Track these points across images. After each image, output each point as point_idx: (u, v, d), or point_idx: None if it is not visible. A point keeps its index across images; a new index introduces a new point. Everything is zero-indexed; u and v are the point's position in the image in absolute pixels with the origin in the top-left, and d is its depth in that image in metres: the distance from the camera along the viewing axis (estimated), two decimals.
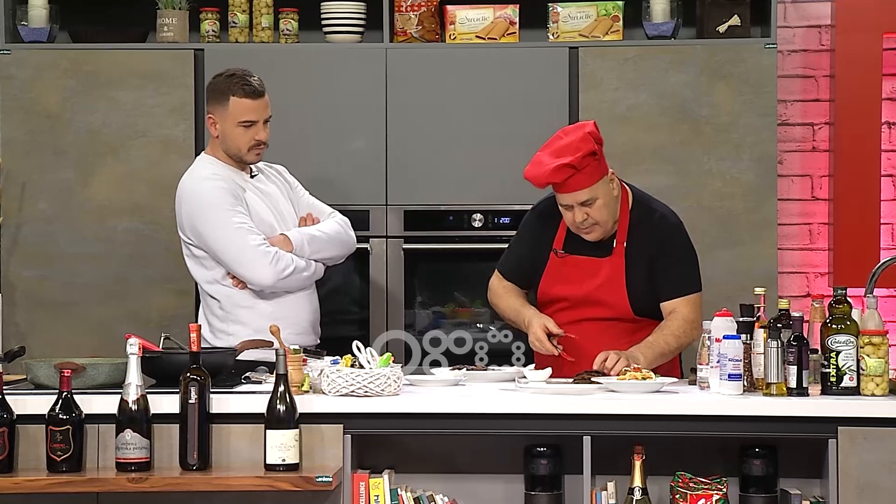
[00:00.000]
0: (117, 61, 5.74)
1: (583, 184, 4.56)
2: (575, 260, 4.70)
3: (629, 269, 4.66)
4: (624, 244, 4.68)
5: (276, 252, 4.79)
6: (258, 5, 5.85)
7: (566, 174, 4.53)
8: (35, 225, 5.74)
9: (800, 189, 6.15)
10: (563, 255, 4.71)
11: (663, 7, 5.70)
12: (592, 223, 4.61)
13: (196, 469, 4.06)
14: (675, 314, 4.65)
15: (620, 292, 4.67)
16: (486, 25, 5.76)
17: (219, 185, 4.85)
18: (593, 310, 4.68)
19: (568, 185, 4.56)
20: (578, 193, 4.57)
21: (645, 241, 4.67)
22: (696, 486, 4.16)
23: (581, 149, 4.54)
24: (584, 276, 4.69)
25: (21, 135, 5.74)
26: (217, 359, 4.37)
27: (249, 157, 4.92)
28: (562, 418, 4.13)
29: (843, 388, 4.15)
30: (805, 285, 6.12)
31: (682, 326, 4.62)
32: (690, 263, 4.72)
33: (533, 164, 4.62)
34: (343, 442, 4.13)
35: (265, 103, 4.91)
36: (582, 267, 4.70)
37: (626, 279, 4.66)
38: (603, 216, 4.61)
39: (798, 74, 6.14)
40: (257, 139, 4.88)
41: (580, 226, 4.62)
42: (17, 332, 5.64)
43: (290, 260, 4.82)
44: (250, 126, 4.87)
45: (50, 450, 4.05)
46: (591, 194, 4.57)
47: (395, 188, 5.71)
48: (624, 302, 4.67)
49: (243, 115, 4.86)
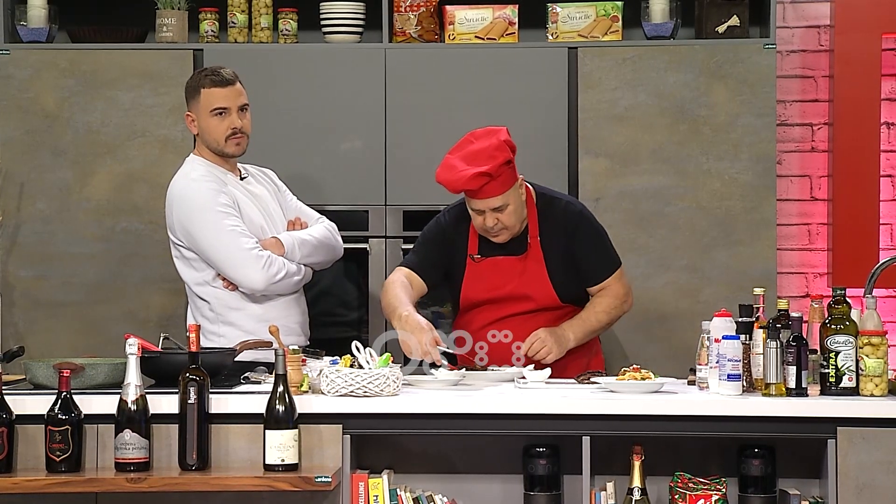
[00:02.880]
0: (116, 61, 5.74)
1: (496, 191, 4.67)
2: (493, 261, 4.82)
3: (549, 262, 4.79)
4: (538, 238, 4.79)
5: (268, 256, 4.79)
6: (257, 5, 5.85)
7: (482, 182, 4.64)
8: (33, 224, 5.74)
9: (799, 189, 6.15)
10: (480, 259, 4.82)
11: (662, 7, 5.70)
12: (502, 227, 4.74)
13: (195, 469, 4.06)
14: (602, 294, 4.82)
15: (545, 284, 4.79)
16: (485, 26, 5.76)
17: (210, 186, 4.85)
18: (519, 304, 4.80)
19: (483, 192, 4.66)
20: (491, 200, 4.68)
21: (555, 233, 4.80)
22: (695, 487, 4.16)
23: (497, 157, 4.65)
24: (504, 276, 4.80)
25: (20, 134, 5.74)
26: (216, 359, 4.37)
27: (229, 149, 4.90)
28: (561, 418, 4.13)
29: (842, 389, 4.15)
30: (804, 286, 6.12)
31: (612, 303, 4.81)
32: (604, 244, 4.87)
33: (445, 169, 4.71)
34: (342, 442, 4.13)
35: (237, 91, 4.90)
36: (501, 267, 4.81)
37: (547, 271, 4.78)
38: (512, 221, 4.73)
39: (797, 75, 6.14)
40: (233, 127, 4.88)
41: (490, 230, 4.74)
42: (15, 332, 5.64)
43: (281, 264, 4.82)
44: (223, 114, 4.87)
45: (49, 450, 4.05)
46: (504, 201, 4.69)
47: (394, 188, 5.71)
48: (550, 292, 4.80)
49: (214, 104, 4.87)
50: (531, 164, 5.19)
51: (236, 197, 4.90)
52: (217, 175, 4.92)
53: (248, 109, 4.93)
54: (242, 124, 4.90)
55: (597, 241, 4.85)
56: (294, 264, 4.86)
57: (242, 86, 4.94)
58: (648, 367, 4.48)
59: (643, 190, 5.65)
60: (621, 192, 5.65)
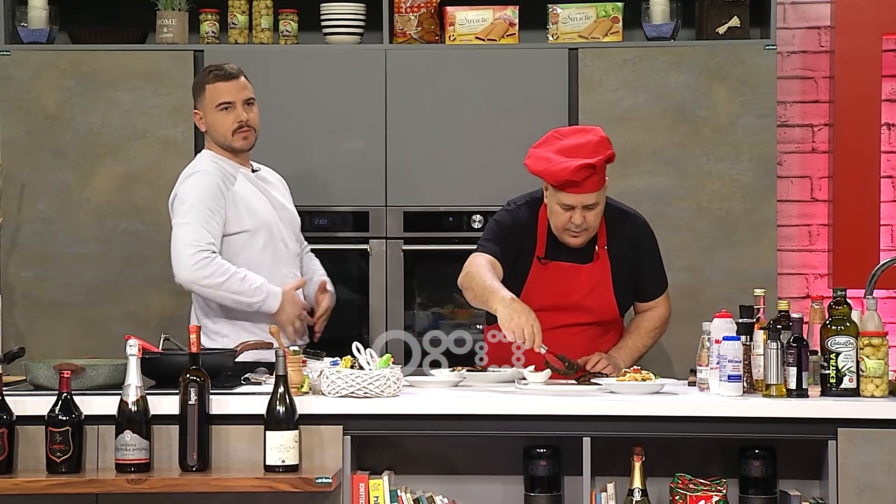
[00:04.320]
0: (116, 62, 5.74)
1: (596, 186, 4.57)
2: (558, 266, 4.71)
3: (615, 274, 4.72)
4: (605, 248, 4.71)
5: (207, 258, 4.76)
6: (258, 6, 5.85)
7: (586, 174, 4.53)
8: (34, 225, 5.74)
9: (799, 190, 6.15)
10: (546, 262, 4.71)
11: (663, 8, 5.70)
12: (585, 228, 4.62)
13: (195, 470, 4.06)
14: (651, 313, 4.80)
15: (608, 297, 4.72)
16: (485, 27, 5.76)
17: (204, 179, 4.87)
18: (575, 315, 4.71)
19: (583, 186, 4.55)
20: (587, 196, 4.56)
21: (623, 244, 4.73)
22: (695, 488, 4.16)
23: (600, 152, 4.56)
24: (568, 283, 4.71)
25: (20, 135, 5.74)
26: (216, 360, 4.37)
27: (237, 143, 4.93)
28: (561, 419, 4.13)
29: (842, 390, 4.15)
30: (805, 287, 6.12)
31: (659, 326, 4.82)
32: (661, 261, 4.85)
33: (539, 160, 4.59)
34: (342, 443, 4.13)
35: (241, 84, 4.93)
36: (565, 273, 4.71)
37: (613, 284, 4.71)
38: (595, 223, 4.64)
39: (797, 76, 6.14)
40: (239, 121, 4.90)
41: (574, 229, 4.61)
42: (16, 332, 5.64)
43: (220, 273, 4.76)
44: (229, 108, 4.91)
45: (49, 451, 4.05)
46: (597, 198, 4.59)
47: (394, 189, 5.70)
48: (611, 306, 4.73)
49: (219, 98, 4.91)
50: None
51: (237, 185, 4.92)
52: (224, 168, 4.93)
53: (254, 103, 4.95)
54: (248, 117, 4.92)
55: (657, 257, 4.81)
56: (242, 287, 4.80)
57: (248, 80, 4.96)
58: (649, 368, 4.48)
59: (644, 191, 5.65)
60: (622, 193, 5.62)
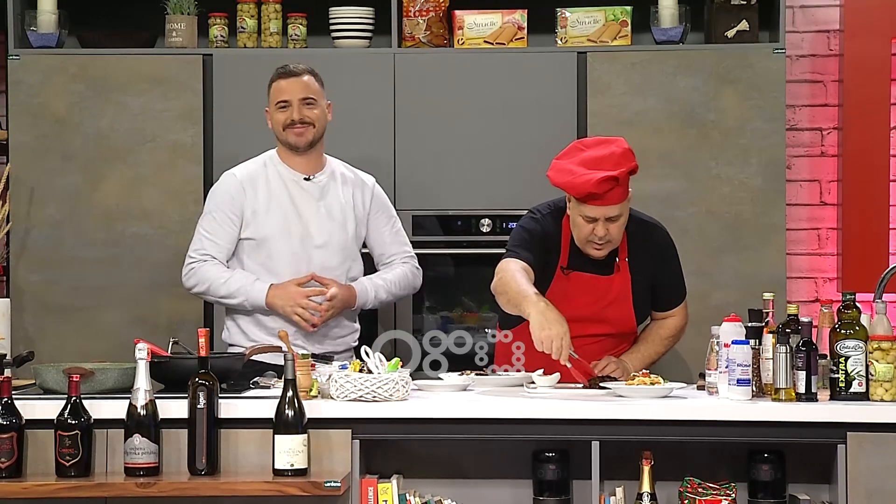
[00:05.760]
0: (125, 66, 5.74)
1: (618, 198, 4.54)
2: (579, 277, 4.68)
3: (634, 286, 4.70)
4: (626, 261, 4.69)
5: (193, 269, 4.98)
6: (267, 10, 5.85)
7: (608, 186, 4.49)
8: (43, 229, 5.74)
9: (808, 194, 6.14)
10: (568, 273, 4.69)
11: (671, 12, 5.70)
12: (607, 240, 4.58)
13: (204, 474, 4.06)
14: (667, 322, 4.81)
15: (627, 309, 4.71)
16: (494, 30, 5.76)
17: (225, 183, 5.05)
18: (593, 326, 4.69)
19: (606, 198, 4.51)
20: (610, 208, 4.53)
21: (644, 256, 4.71)
22: (704, 492, 4.16)
23: (622, 164, 4.53)
24: (589, 294, 4.68)
25: (30, 139, 5.75)
26: (225, 363, 4.38)
27: (290, 138, 5.00)
28: (570, 423, 4.13)
29: (851, 394, 4.14)
30: (814, 290, 6.11)
31: (674, 335, 4.82)
32: (681, 271, 4.83)
33: (561, 172, 4.55)
34: (351, 447, 4.13)
35: (300, 83, 4.98)
36: (587, 284, 4.68)
37: (632, 297, 4.70)
38: (618, 235, 4.60)
39: (806, 79, 6.14)
40: (291, 118, 4.97)
41: (596, 241, 4.57)
42: (25, 336, 5.65)
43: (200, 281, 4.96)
44: (286, 107, 4.98)
45: (58, 454, 4.06)
46: (620, 210, 4.56)
47: (403, 193, 5.71)
48: (630, 318, 4.72)
49: (278, 97, 5.00)
50: (540, 169, 5.18)
51: (266, 197, 4.98)
52: (265, 170, 5.03)
53: (315, 103, 4.99)
54: (303, 115, 4.97)
55: (678, 268, 4.79)
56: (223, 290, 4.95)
57: (317, 78, 5.02)
58: (658, 372, 4.48)
59: (652, 195, 5.65)
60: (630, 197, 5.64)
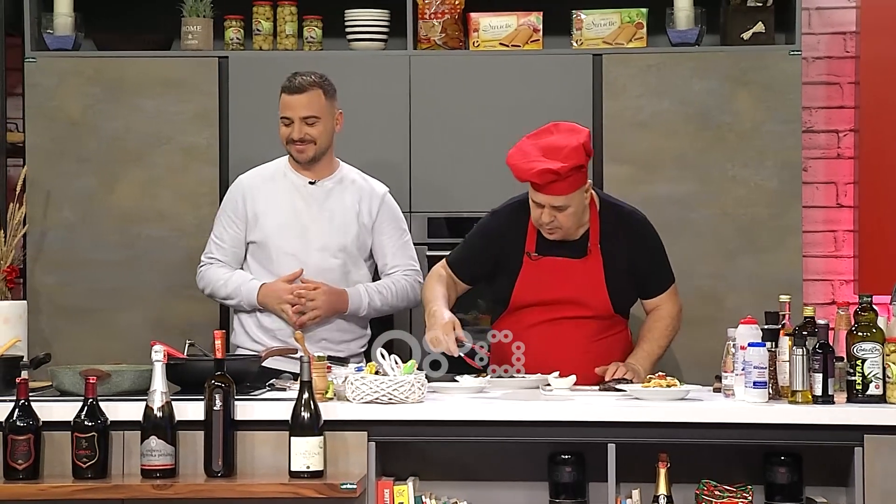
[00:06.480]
0: (141, 69, 5.75)
1: (562, 191, 4.63)
2: (550, 262, 4.77)
3: (608, 270, 4.76)
4: (598, 245, 4.75)
5: (200, 272, 5.12)
6: (282, 13, 5.86)
7: (549, 178, 4.59)
8: (59, 232, 5.75)
9: (824, 196, 6.13)
10: (537, 258, 4.76)
11: (687, 14, 5.69)
12: (557, 226, 4.69)
13: (220, 476, 4.06)
14: (660, 311, 4.84)
15: (601, 292, 4.76)
16: (509, 33, 5.76)
17: (232, 188, 5.16)
18: (571, 309, 4.76)
19: (548, 189, 4.62)
20: (554, 198, 4.64)
21: (617, 241, 4.77)
22: (721, 494, 4.15)
23: (570, 159, 4.60)
24: (560, 278, 4.76)
25: (45, 142, 5.76)
26: (241, 366, 4.38)
27: (292, 153, 5.06)
28: (586, 426, 4.12)
29: (868, 396, 4.13)
30: (830, 293, 6.10)
31: (671, 324, 4.84)
32: (663, 257, 4.87)
33: (519, 153, 4.67)
34: (367, 449, 4.13)
35: (301, 101, 4.98)
36: (558, 269, 4.76)
37: (605, 279, 4.75)
38: (568, 223, 4.69)
39: (822, 81, 6.13)
40: (291, 137, 4.99)
41: (544, 225, 4.70)
42: (41, 338, 5.65)
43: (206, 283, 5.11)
44: (289, 123, 5.01)
45: (75, 456, 4.06)
46: (566, 202, 4.65)
47: (418, 195, 5.71)
48: (605, 300, 4.77)
49: (282, 111, 5.03)
50: None
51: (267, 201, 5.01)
52: (270, 175, 5.10)
53: (318, 121, 4.99)
54: (304, 134, 4.99)
55: (657, 254, 4.85)
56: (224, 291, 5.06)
57: (325, 90, 5.02)
58: (673, 375, 4.47)
59: (667, 197, 5.64)
60: (645, 199, 5.63)
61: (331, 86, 5.05)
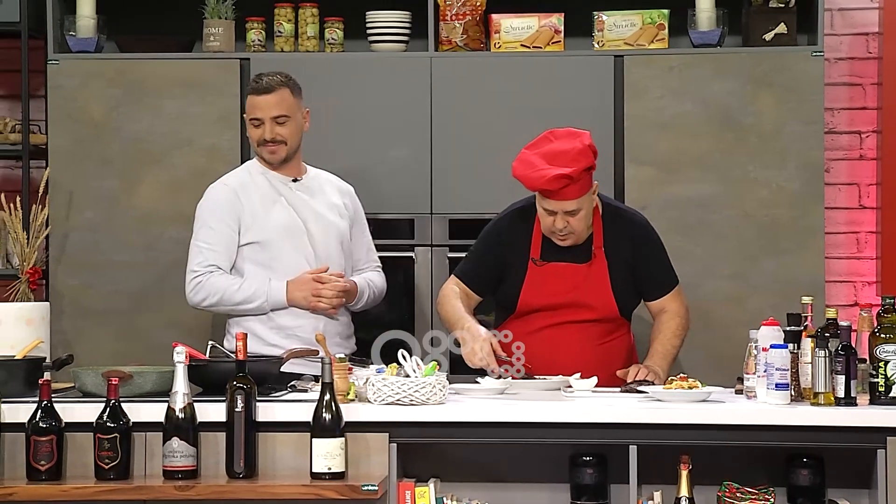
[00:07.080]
0: (163, 71, 5.77)
1: (574, 194, 4.65)
2: (555, 267, 4.79)
3: (612, 273, 4.78)
4: (602, 248, 4.78)
5: (199, 282, 4.95)
6: (304, 15, 5.87)
7: (562, 184, 4.62)
8: (81, 233, 5.77)
9: (847, 197, 6.11)
10: (542, 264, 4.79)
11: (709, 15, 5.68)
12: (570, 231, 4.71)
13: (242, 477, 4.07)
14: (667, 313, 4.85)
15: (607, 295, 4.78)
16: (531, 34, 5.76)
17: (217, 192, 5.06)
18: (578, 313, 4.79)
19: (560, 194, 4.64)
20: (567, 203, 4.66)
21: (621, 244, 4.80)
22: (743, 496, 4.14)
23: (580, 161, 4.63)
24: (566, 283, 4.78)
25: (68, 144, 5.77)
26: (263, 367, 4.39)
27: (265, 155, 5.03)
28: (608, 427, 4.12)
29: (891, 398, 4.12)
30: (853, 294, 6.08)
31: (679, 323, 4.85)
32: (666, 259, 4.90)
33: (524, 164, 4.69)
34: (388, 450, 4.14)
35: (270, 101, 4.97)
36: (563, 274, 4.78)
37: (611, 283, 4.77)
38: (581, 227, 4.72)
39: (845, 82, 6.11)
40: (264, 138, 4.98)
41: (558, 232, 4.71)
42: (63, 339, 5.67)
43: (209, 294, 4.95)
44: (259, 124, 4.99)
45: (98, 457, 4.07)
46: (578, 205, 4.67)
47: (439, 196, 5.71)
48: (610, 303, 4.79)
49: (251, 113, 5.02)
50: None
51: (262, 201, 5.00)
52: (252, 177, 5.04)
53: (288, 120, 4.98)
54: (275, 134, 4.98)
55: (660, 256, 4.87)
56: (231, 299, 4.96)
57: (292, 89, 5.00)
58: (695, 376, 4.46)
59: (689, 198, 5.63)
60: (667, 201, 5.64)
61: (296, 85, 5.05)
